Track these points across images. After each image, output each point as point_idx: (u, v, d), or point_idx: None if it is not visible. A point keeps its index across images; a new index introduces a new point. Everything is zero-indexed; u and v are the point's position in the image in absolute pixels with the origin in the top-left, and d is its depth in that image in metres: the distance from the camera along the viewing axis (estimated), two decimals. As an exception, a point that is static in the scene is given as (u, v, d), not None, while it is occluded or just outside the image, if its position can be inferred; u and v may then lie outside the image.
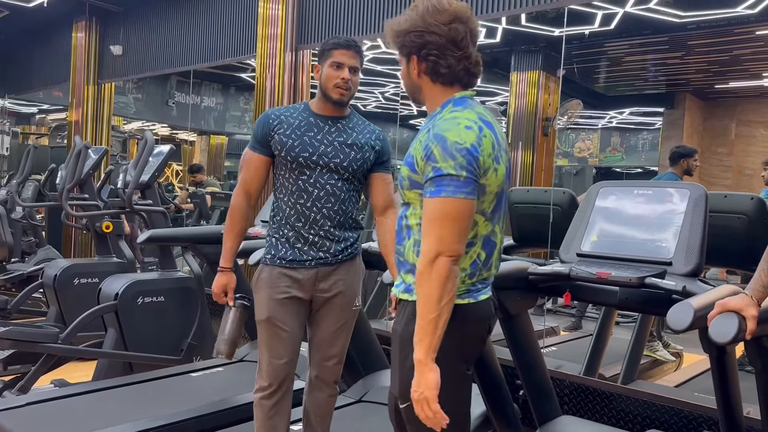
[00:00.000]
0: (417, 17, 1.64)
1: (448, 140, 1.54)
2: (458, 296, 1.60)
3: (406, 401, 1.62)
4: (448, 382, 1.58)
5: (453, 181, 1.52)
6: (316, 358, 2.29)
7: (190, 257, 4.09)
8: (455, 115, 1.60)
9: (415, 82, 1.70)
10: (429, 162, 1.56)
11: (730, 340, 1.67)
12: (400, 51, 1.70)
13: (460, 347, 1.62)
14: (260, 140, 2.22)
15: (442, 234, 1.52)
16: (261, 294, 2.21)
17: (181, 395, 3.34)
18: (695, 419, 2.91)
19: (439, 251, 1.51)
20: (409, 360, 1.58)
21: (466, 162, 1.52)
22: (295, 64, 4.74)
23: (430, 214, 1.55)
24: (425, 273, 1.53)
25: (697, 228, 2.44)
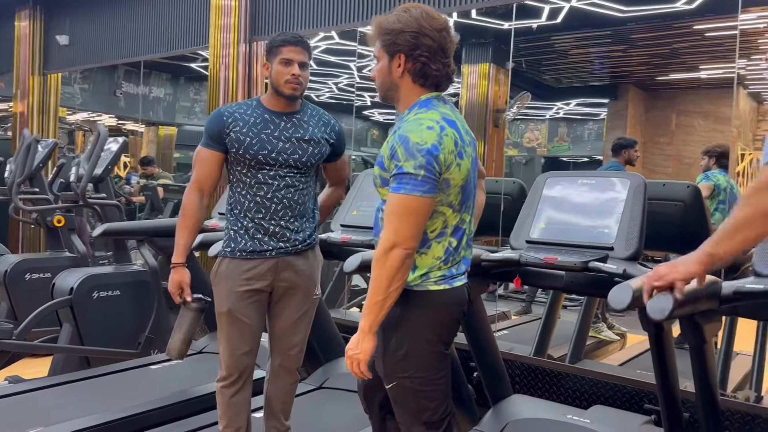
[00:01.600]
0: (411, 19, 1.74)
1: (410, 141, 1.66)
2: (435, 282, 1.75)
3: (392, 382, 1.77)
4: (430, 361, 1.75)
5: (411, 179, 1.65)
6: (279, 347, 2.35)
7: (145, 250, 4.07)
8: (419, 116, 1.72)
9: (394, 80, 1.79)
10: (393, 161, 1.69)
11: (666, 316, 1.81)
12: (387, 48, 1.77)
13: (438, 330, 1.77)
14: (214, 137, 2.24)
15: (398, 227, 1.65)
16: (221, 286, 2.25)
17: (142, 387, 3.36)
18: (637, 395, 3.09)
19: (395, 242, 1.65)
20: (392, 343, 1.74)
21: (425, 162, 1.65)
22: (249, 56, 4.74)
23: (390, 207, 1.68)
24: (380, 260, 1.66)
25: (637, 215, 2.60)
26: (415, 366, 1.74)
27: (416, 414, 1.77)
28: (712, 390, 2.29)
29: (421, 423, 1.77)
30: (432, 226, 1.73)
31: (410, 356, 1.74)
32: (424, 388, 1.75)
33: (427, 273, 1.74)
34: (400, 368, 1.75)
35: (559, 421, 2.75)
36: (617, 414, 2.88)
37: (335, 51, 7.83)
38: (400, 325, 1.74)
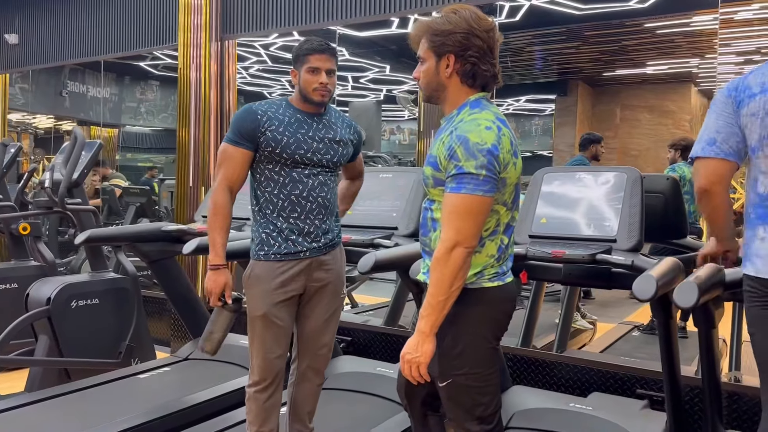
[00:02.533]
0: (461, 20, 1.75)
1: (470, 141, 1.67)
2: (489, 279, 1.78)
3: (447, 380, 1.78)
4: (485, 357, 1.78)
5: (473, 179, 1.66)
6: (308, 348, 2.33)
7: (123, 257, 3.95)
8: (474, 116, 1.74)
9: (442, 81, 1.79)
10: (452, 161, 1.69)
11: (693, 305, 1.90)
12: (436, 49, 1.77)
13: (491, 325, 1.80)
14: (246, 136, 2.21)
15: (460, 226, 1.67)
16: (256, 290, 2.22)
17: (131, 399, 3.25)
18: (629, 380, 3.21)
19: (457, 241, 1.67)
20: (447, 341, 1.75)
21: (487, 161, 1.66)
22: (221, 55, 4.63)
23: (451, 207, 1.69)
24: (442, 259, 1.67)
25: (636, 207, 2.70)
26: (471, 363, 1.77)
27: (470, 410, 1.79)
28: (716, 372, 2.41)
29: (475, 418, 1.80)
30: (486, 225, 1.75)
31: (466, 353, 1.76)
32: (479, 384, 1.78)
33: (481, 271, 1.77)
34: (456, 366, 1.77)
35: (564, 409, 2.83)
36: (616, 400, 2.99)
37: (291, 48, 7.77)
38: (455, 323, 1.75)
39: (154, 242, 3.65)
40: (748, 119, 1.73)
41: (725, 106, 1.78)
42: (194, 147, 4.66)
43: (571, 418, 2.75)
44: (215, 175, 2.29)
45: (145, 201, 5.94)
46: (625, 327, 4.98)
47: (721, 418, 2.49)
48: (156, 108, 11.52)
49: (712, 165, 1.80)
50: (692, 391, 3.03)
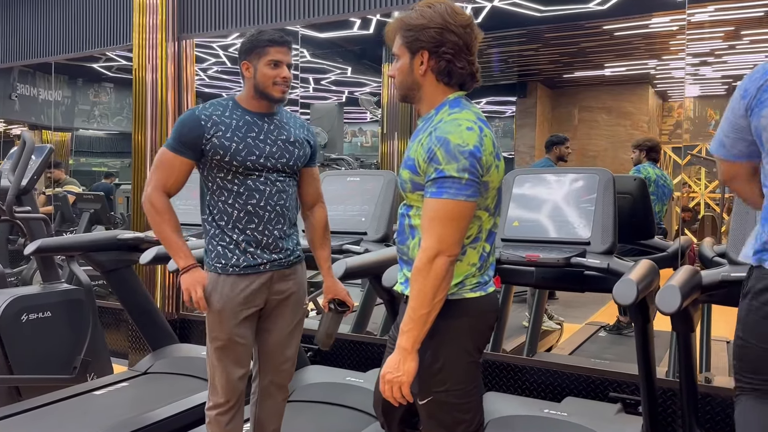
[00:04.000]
0: (436, 15, 1.64)
1: (451, 142, 1.57)
2: (470, 290, 1.67)
3: (427, 398, 1.67)
4: (467, 372, 1.67)
5: (455, 183, 1.56)
6: (270, 363, 2.21)
7: (77, 267, 3.75)
8: (455, 117, 1.63)
9: (416, 79, 1.69)
10: (432, 163, 1.59)
11: (676, 309, 1.86)
12: (409, 45, 1.67)
13: (474, 338, 1.69)
14: (188, 144, 2.05)
15: (442, 234, 1.56)
16: (215, 310, 2.08)
17: (88, 417, 3.08)
18: (601, 384, 3.19)
19: (439, 250, 1.56)
20: (427, 356, 1.63)
21: (469, 164, 1.56)
22: (178, 55, 4.46)
23: (432, 213, 1.58)
24: (424, 270, 1.57)
25: (609, 209, 2.67)
26: (453, 378, 1.66)
27: (451, 427, 1.69)
28: (693, 375, 2.39)
29: None
30: (468, 231, 1.64)
31: (447, 368, 1.65)
32: (461, 401, 1.68)
33: (462, 281, 1.67)
34: (437, 382, 1.65)
35: (538, 416, 2.78)
36: (590, 405, 2.96)
37: (245, 42, 7.60)
38: (435, 336, 1.63)
39: (110, 251, 3.49)
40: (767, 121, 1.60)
41: (735, 110, 1.67)
42: (151, 151, 4.48)
43: (547, 426, 2.69)
44: (149, 178, 2.13)
45: (99, 207, 5.71)
46: (591, 328, 4.99)
47: (697, 420, 2.48)
48: (110, 111, 11.17)
49: (726, 165, 1.75)
50: (665, 393, 3.02)
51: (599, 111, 10.22)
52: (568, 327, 5.16)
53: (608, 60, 8.58)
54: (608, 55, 8.33)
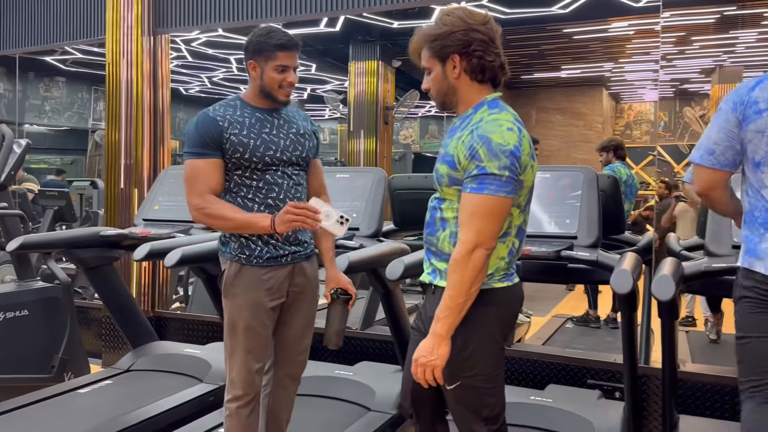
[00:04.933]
0: (456, 20, 1.73)
1: (492, 141, 1.65)
2: (498, 281, 1.76)
3: (455, 383, 1.74)
4: (494, 358, 1.77)
5: (496, 180, 1.64)
6: (286, 355, 2.24)
7: (54, 264, 3.69)
8: (495, 117, 1.71)
9: (451, 83, 1.77)
10: (473, 161, 1.67)
11: (671, 297, 2.00)
12: (438, 53, 1.75)
13: (501, 326, 1.79)
14: (211, 144, 2.06)
15: (482, 228, 1.65)
16: (241, 299, 2.09)
17: (75, 416, 3.04)
18: (579, 371, 3.34)
19: (478, 243, 1.65)
20: (457, 343, 1.70)
21: (509, 162, 1.65)
22: (154, 51, 4.40)
23: (472, 208, 1.67)
24: (462, 261, 1.65)
25: (594, 205, 2.82)
26: (481, 364, 1.74)
27: (477, 411, 1.78)
28: (675, 361, 2.54)
29: (482, 419, 1.78)
30: None
31: (476, 354, 1.73)
32: (488, 385, 1.77)
33: (492, 273, 1.75)
34: (466, 367, 1.73)
35: (525, 402, 2.90)
36: (572, 391, 3.10)
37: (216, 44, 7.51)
38: (465, 324, 1.70)
39: (92, 248, 3.44)
40: (754, 135, 1.78)
41: (728, 120, 1.82)
42: (125, 148, 4.41)
43: (535, 411, 2.82)
44: (189, 197, 2.08)
45: (63, 204, 5.57)
46: (558, 320, 5.18)
47: (677, 404, 2.64)
48: (62, 106, 10.86)
49: (709, 174, 1.87)
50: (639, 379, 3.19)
51: (554, 112, 10.54)
52: (535, 320, 5.35)
53: (565, 62, 8.87)
54: (566, 58, 8.61)
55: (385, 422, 2.93)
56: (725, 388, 3.01)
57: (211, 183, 2.07)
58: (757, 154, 1.78)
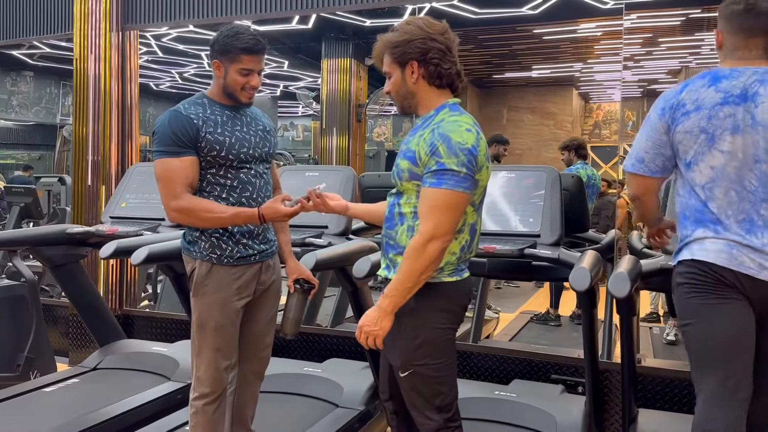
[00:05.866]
0: (415, 29, 1.83)
1: (452, 140, 1.75)
2: (448, 275, 1.85)
3: (407, 370, 1.85)
4: (443, 347, 1.86)
5: (454, 176, 1.74)
6: (251, 351, 2.26)
7: (20, 262, 3.65)
8: (455, 118, 1.81)
9: (410, 89, 1.86)
10: (433, 157, 1.75)
11: (627, 294, 2.07)
12: (398, 59, 1.84)
13: (450, 317, 1.87)
14: (186, 143, 2.05)
15: (439, 221, 1.74)
16: (212, 298, 2.10)
17: (41, 415, 3.02)
18: (544, 366, 3.41)
19: (434, 235, 1.74)
20: (408, 333, 1.82)
21: (467, 160, 1.74)
22: (122, 45, 4.36)
23: (431, 201, 1.75)
24: (418, 250, 1.74)
25: (556, 204, 2.88)
26: (431, 353, 1.83)
27: (430, 399, 1.86)
28: (634, 356, 2.62)
29: (435, 407, 1.86)
30: None
31: (426, 344, 1.82)
32: (439, 374, 1.85)
33: (442, 267, 1.83)
34: (416, 356, 1.83)
35: (490, 398, 2.96)
36: (536, 386, 3.17)
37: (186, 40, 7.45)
38: (415, 315, 1.82)
39: (58, 246, 3.41)
40: (683, 136, 1.86)
41: (656, 127, 1.91)
42: (93, 143, 4.37)
43: (499, 406, 2.88)
44: (166, 199, 2.07)
45: (30, 201, 5.49)
46: (527, 316, 5.27)
47: (636, 398, 2.72)
48: (29, 101, 10.67)
49: (641, 180, 1.98)
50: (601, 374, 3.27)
51: (525, 111, 10.66)
52: (504, 316, 5.43)
53: (536, 62, 8.98)
54: (536, 58, 8.71)
55: (353, 418, 2.97)
56: (683, 382, 3.10)
57: (187, 182, 2.06)
58: (688, 154, 1.87)
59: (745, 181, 1.82)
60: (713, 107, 1.83)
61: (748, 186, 1.82)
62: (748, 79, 1.84)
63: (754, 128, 1.80)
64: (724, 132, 1.82)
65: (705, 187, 1.86)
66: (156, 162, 2.08)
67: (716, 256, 1.83)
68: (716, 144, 1.83)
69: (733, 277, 1.81)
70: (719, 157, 1.83)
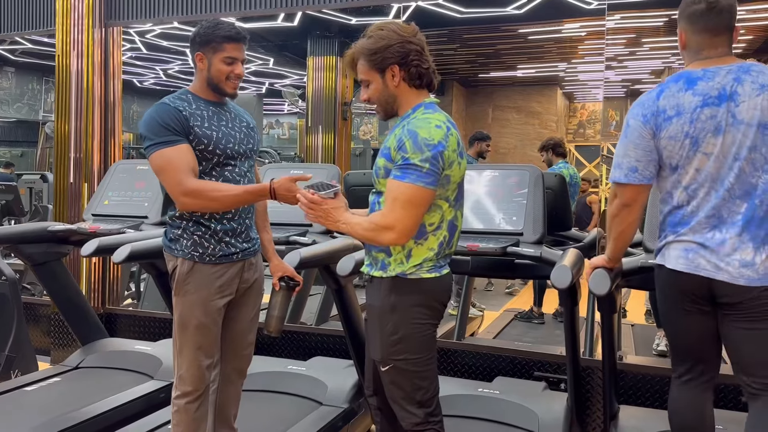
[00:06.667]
0: (391, 33, 1.85)
1: (419, 135, 1.77)
2: (427, 271, 1.86)
3: (388, 365, 1.87)
4: (423, 343, 1.87)
5: (416, 170, 1.76)
6: (233, 349, 2.25)
7: (0, 260, 3.61)
8: (427, 116, 1.84)
9: (391, 92, 1.88)
10: (400, 152, 1.78)
11: (607, 292, 2.09)
12: (377, 65, 1.85)
13: (429, 313, 1.89)
14: (178, 131, 2.02)
15: (401, 216, 1.77)
16: (193, 296, 2.08)
17: (23, 413, 2.98)
18: (527, 364, 3.43)
19: (393, 227, 1.78)
20: (388, 328, 1.84)
21: (431, 156, 1.76)
22: (105, 42, 4.32)
23: (395, 193, 1.78)
24: (372, 232, 1.81)
25: (539, 203, 2.90)
26: (411, 348, 1.84)
27: (411, 393, 1.87)
28: (615, 353, 2.65)
29: (416, 402, 1.88)
30: (430, 220, 1.84)
31: (405, 340, 1.84)
32: (419, 369, 1.86)
33: (421, 263, 1.85)
34: (396, 351, 1.85)
35: (474, 395, 2.98)
36: (519, 383, 3.19)
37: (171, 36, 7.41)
38: (395, 311, 1.84)
39: (40, 243, 3.38)
40: (667, 141, 1.89)
41: (642, 134, 1.93)
42: (75, 140, 4.33)
43: (482, 403, 2.89)
44: (169, 185, 2.03)
45: (11, 198, 5.44)
46: (510, 314, 5.30)
47: (617, 394, 2.74)
48: (11, 97, 10.54)
49: (635, 190, 1.98)
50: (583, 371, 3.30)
51: (510, 110, 10.70)
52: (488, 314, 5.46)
53: (521, 62, 9.02)
54: (521, 57, 8.76)
55: (337, 416, 2.97)
56: (664, 379, 3.14)
57: (189, 166, 2.02)
58: (673, 159, 1.90)
59: (724, 179, 1.86)
60: (694, 111, 1.85)
61: (726, 184, 1.86)
62: (723, 79, 1.86)
63: (736, 127, 1.84)
64: (707, 134, 1.85)
65: (689, 188, 1.89)
66: (152, 156, 2.03)
67: (675, 262, 1.91)
68: (701, 147, 1.86)
69: (691, 282, 1.89)
70: (703, 159, 1.86)
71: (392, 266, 1.85)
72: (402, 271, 1.84)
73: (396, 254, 1.85)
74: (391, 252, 1.86)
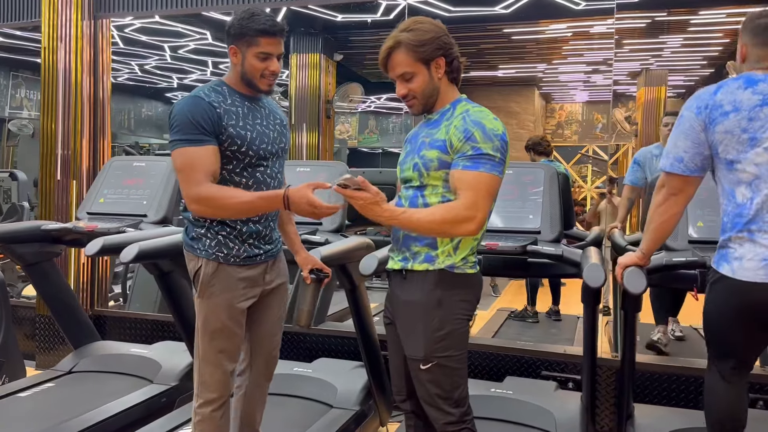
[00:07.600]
0: (434, 26, 1.86)
1: (486, 126, 1.79)
2: (470, 267, 1.87)
3: (431, 362, 1.81)
4: (463, 339, 1.85)
5: (490, 160, 1.77)
6: (262, 352, 2.17)
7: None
8: (480, 108, 1.85)
9: (436, 85, 1.87)
10: (468, 142, 1.77)
11: (643, 290, 2.08)
12: (425, 57, 1.82)
13: (469, 309, 1.88)
14: (208, 130, 1.91)
15: (479, 203, 1.75)
16: (217, 299, 1.99)
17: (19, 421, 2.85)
18: (534, 363, 3.42)
19: (473, 217, 1.74)
20: (434, 324, 1.80)
21: (500, 146, 1.79)
22: (94, 36, 4.16)
23: (470, 183, 1.76)
24: (449, 223, 1.74)
25: (555, 201, 2.89)
26: (455, 344, 1.82)
27: (450, 392, 1.83)
28: (634, 351, 2.64)
29: (453, 401, 1.84)
30: None
31: (450, 336, 1.81)
32: (459, 366, 1.84)
33: (465, 257, 1.84)
34: (441, 348, 1.81)
35: (485, 395, 2.94)
36: (530, 383, 3.17)
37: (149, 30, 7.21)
38: (441, 305, 1.81)
39: (32, 243, 3.24)
40: (723, 136, 1.89)
41: (694, 126, 1.93)
42: (62, 138, 4.17)
43: (498, 404, 2.86)
44: (184, 186, 1.92)
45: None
46: (504, 313, 5.30)
47: (633, 392, 2.74)
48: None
49: (682, 180, 1.98)
50: (595, 369, 3.30)
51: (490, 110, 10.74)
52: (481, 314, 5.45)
53: (502, 62, 9.05)
54: (503, 57, 8.78)
55: (349, 419, 2.91)
56: (672, 377, 3.16)
57: (210, 170, 1.91)
58: (729, 153, 1.89)
59: None
60: (752, 108, 1.86)
61: None
62: None
63: None
64: (766, 131, 1.85)
65: (752, 184, 1.88)
66: (174, 152, 1.92)
67: (754, 274, 1.84)
68: (759, 142, 1.86)
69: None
70: (763, 154, 1.86)
71: (441, 258, 1.82)
72: (452, 263, 1.82)
73: (443, 246, 1.82)
74: (437, 245, 1.82)
